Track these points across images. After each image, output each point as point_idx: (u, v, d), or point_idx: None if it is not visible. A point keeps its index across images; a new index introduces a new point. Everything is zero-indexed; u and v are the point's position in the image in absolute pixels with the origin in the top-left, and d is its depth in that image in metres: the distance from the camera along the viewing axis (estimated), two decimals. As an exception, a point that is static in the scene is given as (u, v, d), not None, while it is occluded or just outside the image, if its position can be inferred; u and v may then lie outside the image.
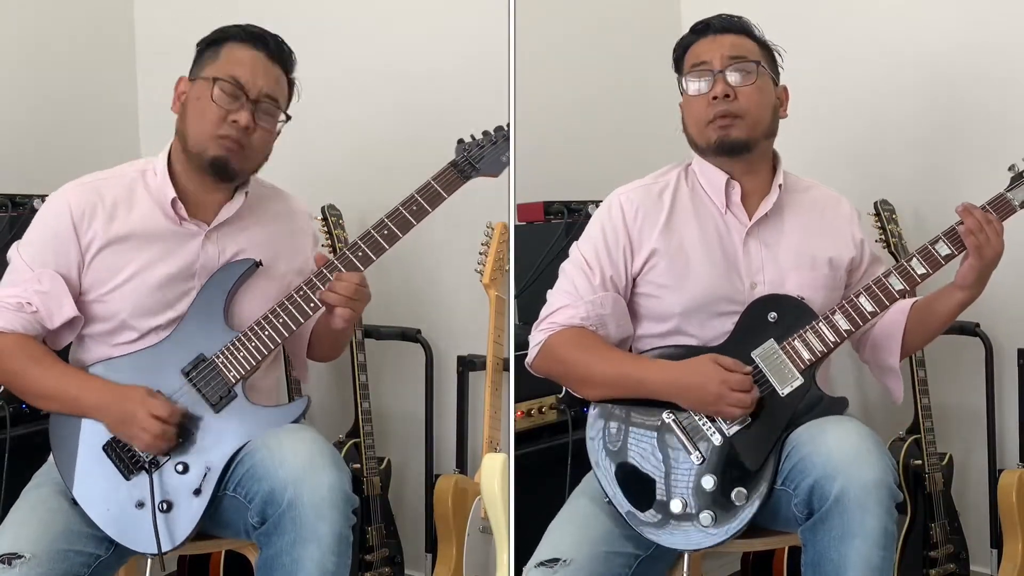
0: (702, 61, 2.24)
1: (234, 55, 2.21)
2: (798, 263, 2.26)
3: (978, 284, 2.17)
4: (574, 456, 2.63)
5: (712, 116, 2.22)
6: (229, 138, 2.17)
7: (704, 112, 2.23)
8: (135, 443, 2.10)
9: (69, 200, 2.20)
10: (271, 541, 2.01)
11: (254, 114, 2.18)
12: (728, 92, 2.21)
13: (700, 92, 2.24)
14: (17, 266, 2.19)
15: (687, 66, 2.28)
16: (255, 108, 2.18)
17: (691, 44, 2.30)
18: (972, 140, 2.94)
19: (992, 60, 2.89)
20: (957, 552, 2.89)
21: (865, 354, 2.37)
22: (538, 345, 2.26)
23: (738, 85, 2.22)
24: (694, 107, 2.26)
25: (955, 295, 2.21)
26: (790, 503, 2.05)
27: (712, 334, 2.23)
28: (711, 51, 2.25)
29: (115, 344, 2.21)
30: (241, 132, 2.17)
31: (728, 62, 2.23)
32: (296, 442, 2.05)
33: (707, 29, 2.29)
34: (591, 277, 2.25)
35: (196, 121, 2.19)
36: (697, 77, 2.25)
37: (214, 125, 2.17)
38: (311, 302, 2.19)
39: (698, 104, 2.24)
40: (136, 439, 2.09)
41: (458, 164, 2.27)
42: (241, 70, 2.19)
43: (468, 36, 3.01)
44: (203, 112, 2.18)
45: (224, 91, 2.17)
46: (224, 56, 2.21)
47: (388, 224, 2.21)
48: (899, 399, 2.36)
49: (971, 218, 2.13)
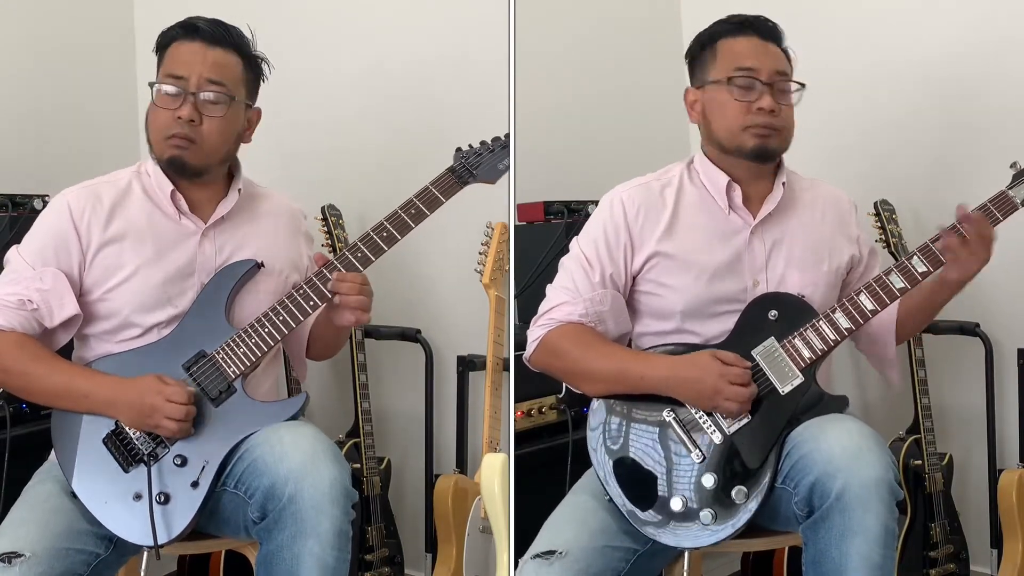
0: (749, 67, 2.21)
1: (174, 54, 2.23)
2: (801, 261, 2.26)
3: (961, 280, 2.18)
4: (574, 456, 2.63)
5: (751, 124, 2.20)
6: (177, 136, 2.19)
7: (743, 118, 2.21)
8: (160, 432, 2.11)
9: (68, 201, 2.22)
10: (271, 536, 2.02)
11: (196, 105, 2.19)
12: (774, 107, 2.19)
13: (742, 99, 2.20)
14: (17, 265, 2.20)
15: (724, 62, 2.23)
16: (195, 99, 2.19)
17: (725, 36, 2.26)
18: (972, 140, 2.94)
19: (993, 60, 2.89)
20: (957, 552, 2.89)
21: (861, 344, 2.39)
22: (536, 340, 2.27)
23: (782, 102, 2.21)
24: (730, 109, 2.22)
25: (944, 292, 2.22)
26: (790, 501, 2.05)
27: (713, 332, 2.23)
28: (759, 58, 2.22)
29: (118, 341, 2.22)
30: (187, 127, 2.18)
31: (775, 77, 2.21)
32: (296, 438, 2.05)
33: (749, 29, 2.25)
34: (591, 274, 2.25)
35: (151, 127, 2.23)
36: (744, 83, 2.20)
37: (164, 127, 2.20)
38: (311, 300, 2.20)
39: (737, 108, 2.21)
40: (162, 428, 2.11)
41: (456, 170, 2.28)
42: (178, 66, 2.21)
43: (468, 36, 3.01)
44: (154, 117, 2.21)
45: (166, 93, 2.19)
46: (166, 57, 2.24)
47: (387, 226, 2.22)
48: (896, 383, 2.38)
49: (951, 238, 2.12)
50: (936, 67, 2.97)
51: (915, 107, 3.02)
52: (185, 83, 2.19)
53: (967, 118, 2.95)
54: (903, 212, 2.92)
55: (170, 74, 2.20)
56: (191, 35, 2.23)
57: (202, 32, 2.22)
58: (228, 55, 2.24)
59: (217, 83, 2.21)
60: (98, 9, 3.38)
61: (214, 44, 2.23)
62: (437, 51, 3.09)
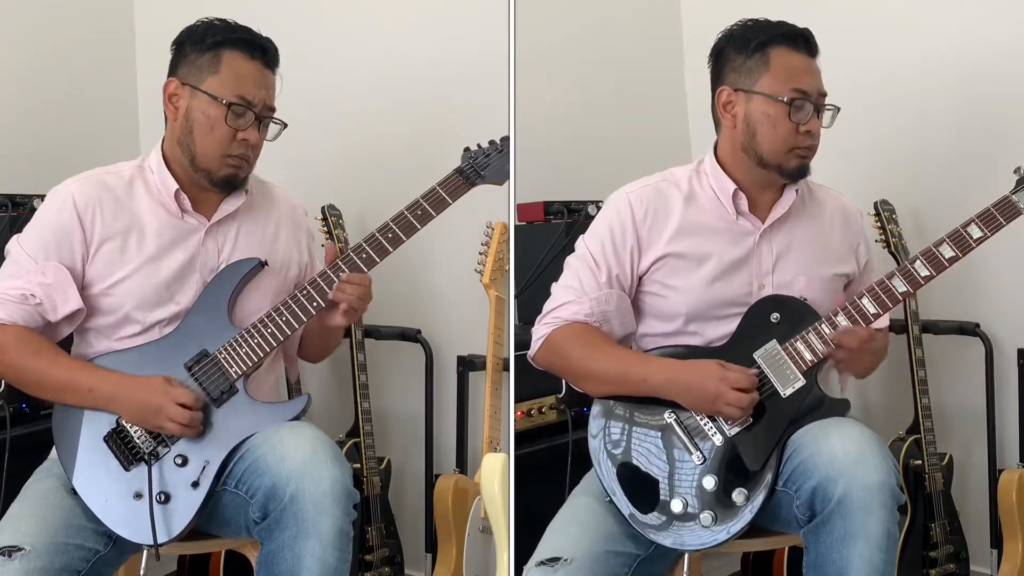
0: (806, 90, 2.19)
1: (236, 68, 2.20)
2: (807, 267, 2.26)
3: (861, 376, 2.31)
4: (574, 456, 2.63)
5: (799, 145, 2.20)
6: (238, 155, 2.20)
7: (792, 138, 2.19)
8: (162, 431, 2.11)
9: (73, 193, 2.20)
10: (272, 536, 2.02)
11: (259, 129, 2.21)
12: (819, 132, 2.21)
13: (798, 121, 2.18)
14: (19, 258, 2.19)
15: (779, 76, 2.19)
16: (259, 124, 2.21)
17: (778, 46, 2.21)
18: (972, 140, 2.94)
19: (994, 61, 2.89)
20: (957, 552, 2.89)
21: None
22: (541, 339, 2.27)
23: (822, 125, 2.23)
24: (783, 129, 2.19)
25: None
26: (791, 504, 2.05)
27: (717, 334, 2.23)
28: (812, 79, 2.21)
29: (118, 338, 2.22)
30: (249, 148, 2.21)
31: (821, 100, 2.21)
32: (297, 438, 2.05)
33: (802, 43, 2.23)
34: (597, 274, 2.25)
35: (206, 141, 2.20)
36: (800, 106, 2.18)
37: (226, 143, 2.20)
38: (314, 301, 2.20)
39: (789, 128, 2.19)
40: (165, 428, 2.11)
41: (464, 171, 2.28)
42: (247, 87, 2.19)
43: (468, 36, 3.01)
44: (212, 131, 2.19)
45: (235, 113, 2.18)
46: (225, 69, 2.20)
47: (393, 228, 2.23)
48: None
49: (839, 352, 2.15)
50: (939, 68, 2.97)
51: (917, 108, 3.02)
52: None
53: (969, 119, 2.95)
54: (903, 212, 2.92)
55: (241, 96, 2.18)
56: (253, 53, 2.22)
57: (265, 53, 2.23)
58: (273, 77, 2.26)
59: (273, 109, 2.25)
60: (98, 9, 3.37)
61: (269, 67, 2.24)
62: (437, 51, 3.08)
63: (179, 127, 2.22)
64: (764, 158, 2.22)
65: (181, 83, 2.22)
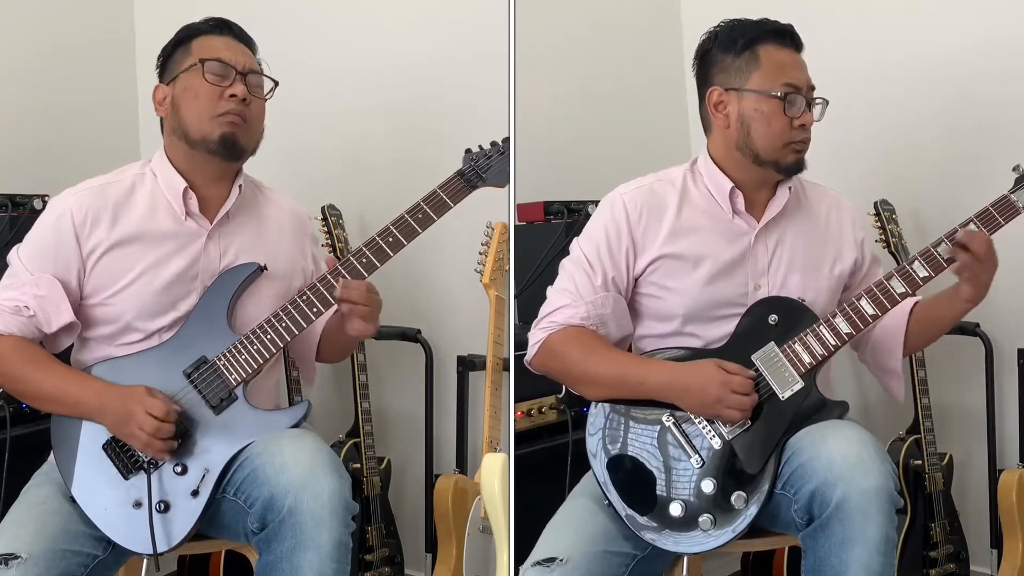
0: (797, 84, 2.20)
1: (207, 44, 2.23)
2: (803, 266, 2.26)
3: (978, 297, 2.16)
4: (574, 456, 2.63)
5: (793, 140, 2.20)
6: (231, 112, 2.19)
7: (787, 132, 2.19)
8: (132, 443, 2.10)
9: (70, 205, 2.19)
10: (271, 547, 2.02)
11: (246, 84, 2.21)
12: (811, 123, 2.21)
13: (791, 115, 2.19)
14: (16, 269, 2.19)
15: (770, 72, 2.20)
16: (245, 80, 2.21)
17: (766, 43, 2.22)
18: (972, 140, 2.94)
19: (994, 60, 2.89)
20: (957, 552, 2.89)
21: (865, 355, 2.36)
22: (538, 343, 2.26)
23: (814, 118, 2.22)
24: (777, 124, 2.19)
25: (959, 304, 2.19)
26: (790, 507, 2.05)
27: (714, 335, 2.23)
28: (801, 73, 2.21)
29: (119, 345, 2.21)
30: (241, 105, 2.19)
31: (810, 93, 2.22)
32: (297, 448, 2.04)
33: (788, 39, 2.23)
34: (592, 277, 2.24)
35: (193, 107, 2.20)
36: (792, 100, 2.18)
37: (213, 104, 2.19)
38: (314, 307, 2.19)
39: (784, 123, 2.19)
40: (133, 438, 2.10)
41: (465, 174, 2.26)
42: (220, 52, 2.22)
43: (468, 36, 3.01)
44: (197, 96, 2.20)
45: (214, 71, 2.19)
46: (197, 47, 2.23)
47: (393, 231, 2.21)
48: (900, 398, 2.36)
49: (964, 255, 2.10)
50: (938, 67, 2.97)
51: (916, 107, 3.02)
52: (233, 64, 2.20)
53: (969, 118, 2.95)
54: (903, 212, 2.92)
55: (216, 58, 2.20)
56: (222, 31, 2.25)
57: (233, 30, 2.26)
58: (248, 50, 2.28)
59: (258, 71, 2.26)
60: (98, 9, 3.38)
61: (242, 42, 2.26)
62: (436, 51, 3.08)
63: (170, 117, 2.24)
64: (760, 155, 2.22)
65: (167, 84, 2.25)
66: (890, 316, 2.25)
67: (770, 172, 2.24)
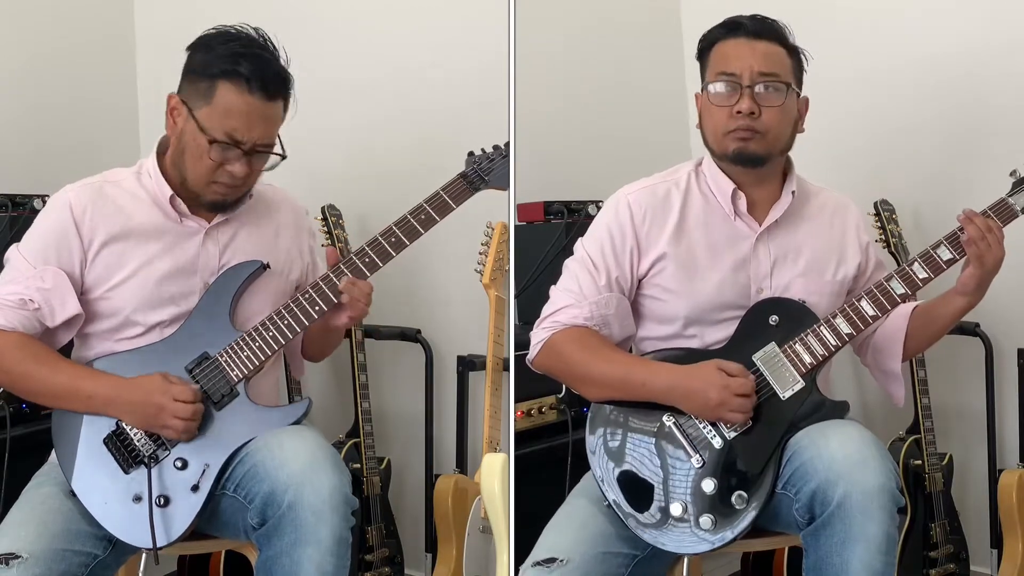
0: (731, 72, 2.19)
1: (228, 103, 2.12)
2: (806, 269, 2.25)
3: (979, 290, 2.17)
4: (574, 456, 2.63)
5: (733, 127, 2.19)
6: (224, 184, 2.18)
7: (725, 122, 2.20)
8: (165, 433, 2.11)
9: (70, 199, 2.20)
10: (271, 542, 2.02)
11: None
12: (753, 109, 2.17)
13: (724, 104, 2.19)
14: (18, 264, 2.19)
15: (713, 67, 2.23)
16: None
17: (719, 40, 2.24)
18: (973, 141, 2.94)
19: (996, 62, 2.89)
20: (957, 552, 2.90)
21: (867, 358, 2.36)
22: (540, 343, 2.26)
23: (764, 104, 2.18)
24: (715, 113, 2.21)
25: (956, 301, 2.20)
26: (791, 507, 2.05)
27: (715, 338, 2.23)
28: (742, 60, 2.19)
29: (119, 339, 2.21)
30: (236, 179, 2.17)
31: (758, 78, 2.18)
32: (297, 444, 2.05)
33: (739, 30, 2.22)
34: (596, 277, 2.24)
35: (193, 167, 2.17)
36: (724, 86, 2.19)
37: (209, 174, 2.16)
38: (316, 305, 2.20)
39: (720, 112, 2.20)
40: (166, 429, 2.10)
41: (467, 176, 2.28)
42: (236, 123, 2.13)
43: (468, 36, 3.01)
44: (199, 160, 2.16)
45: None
46: (218, 101, 2.13)
47: (396, 232, 2.22)
48: (900, 402, 2.36)
49: (972, 226, 2.12)
50: (939, 69, 2.97)
51: (916, 108, 3.02)
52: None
53: (969, 119, 2.95)
54: (903, 212, 2.92)
55: (227, 132, 2.13)
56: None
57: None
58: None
59: (268, 144, 2.17)
60: (98, 9, 3.37)
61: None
62: (438, 51, 3.08)
63: (175, 144, 2.20)
64: (713, 150, 2.24)
65: (182, 101, 2.18)
66: (891, 319, 2.26)
67: (727, 165, 2.24)
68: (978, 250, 2.12)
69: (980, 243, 2.11)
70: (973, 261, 2.14)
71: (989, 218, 2.14)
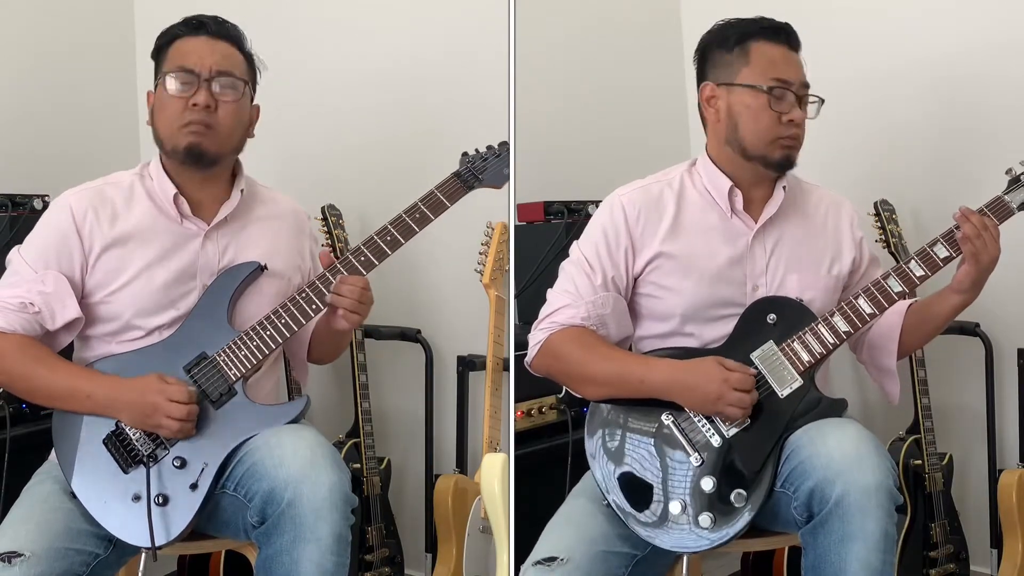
0: (785, 79, 2.19)
1: (179, 49, 2.23)
2: (801, 266, 2.26)
3: (974, 288, 2.17)
4: (574, 456, 2.63)
5: (781, 135, 2.20)
6: (193, 123, 2.19)
7: (774, 128, 2.19)
8: (160, 432, 2.11)
9: (71, 203, 2.21)
10: (270, 541, 2.02)
11: (211, 92, 2.20)
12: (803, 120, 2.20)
13: (778, 110, 2.19)
14: (19, 268, 2.20)
15: (760, 68, 2.21)
16: (210, 86, 2.20)
17: (758, 39, 2.22)
18: (972, 140, 2.94)
19: (994, 62, 2.89)
20: (957, 552, 2.89)
21: (862, 355, 2.37)
22: (538, 344, 2.26)
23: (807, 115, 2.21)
24: (765, 119, 2.19)
25: (952, 298, 2.20)
26: (789, 505, 2.05)
27: (713, 335, 2.23)
28: (792, 69, 2.21)
29: (120, 343, 2.22)
30: (203, 113, 2.19)
31: (803, 90, 2.21)
32: (296, 442, 2.05)
33: (782, 36, 2.22)
34: (592, 277, 2.25)
35: (160, 119, 2.22)
36: (780, 94, 2.19)
37: (177, 115, 2.19)
38: (313, 304, 2.20)
39: (771, 118, 2.19)
40: (161, 428, 2.11)
41: (461, 175, 2.29)
42: (188, 58, 2.21)
43: (468, 36, 3.01)
44: (163, 107, 2.21)
45: (177, 80, 2.19)
46: (170, 54, 2.23)
47: (391, 230, 2.23)
48: (895, 400, 2.36)
49: (968, 224, 2.12)
50: (937, 68, 2.97)
51: (916, 108, 3.02)
52: (196, 74, 2.19)
53: (968, 119, 2.95)
54: (903, 212, 2.92)
55: (180, 67, 2.20)
56: (195, 31, 2.24)
57: (207, 27, 2.24)
58: (232, 48, 2.26)
59: (226, 72, 2.22)
60: (98, 9, 3.38)
61: (219, 38, 2.24)
62: (437, 51, 3.08)
63: (154, 124, 2.25)
64: (748, 150, 2.23)
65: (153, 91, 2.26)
66: (886, 316, 2.26)
67: (759, 167, 2.24)
68: (974, 248, 2.12)
69: (976, 240, 2.12)
70: (968, 259, 2.14)
71: (985, 216, 2.14)
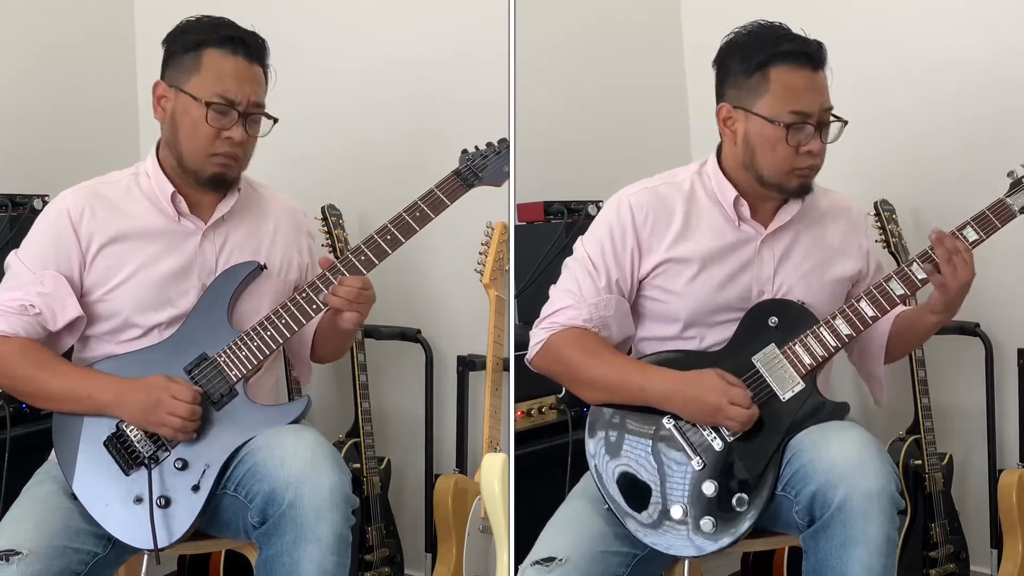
0: (805, 112, 2.13)
1: (216, 66, 2.18)
2: (808, 272, 2.25)
3: (948, 310, 2.16)
4: (574, 456, 2.63)
5: (798, 166, 2.16)
6: (224, 155, 2.19)
7: (791, 159, 2.15)
8: (161, 431, 2.11)
9: (67, 203, 2.22)
10: (271, 541, 2.02)
11: (245, 127, 2.19)
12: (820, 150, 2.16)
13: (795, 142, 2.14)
14: (17, 270, 2.20)
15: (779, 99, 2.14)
16: (245, 121, 2.19)
17: (779, 64, 2.15)
18: (973, 141, 2.94)
19: (995, 63, 2.89)
20: (957, 552, 2.89)
21: (853, 357, 2.37)
22: (539, 343, 2.26)
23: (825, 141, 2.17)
24: (781, 151, 2.15)
25: (928, 317, 2.20)
26: (791, 508, 2.05)
27: (715, 339, 2.23)
28: (812, 97, 2.14)
29: (119, 342, 2.22)
30: (236, 147, 2.19)
31: (824, 116, 2.16)
32: (297, 442, 2.05)
33: (804, 59, 2.15)
34: (596, 279, 2.24)
35: (189, 141, 2.20)
36: (800, 127, 2.13)
37: (209, 144, 2.18)
38: (313, 304, 2.20)
39: (788, 150, 2.14)
40: (163, 426, 2.10)
41: (461, 173, 2.28)
42: (228, 84, 2.17)
43: (468, 35, 3.01)
44: (195, 131, 2.18)
45: (217, 112, 2.17)
46: (206, 68, 2.18)
47: (391, 229, 2.23)
48: (881, 403, 2.37)
49: (941, 249, 2.09)
50: (938, 71, 2.97)
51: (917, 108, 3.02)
52: (236, 105, 2.18)
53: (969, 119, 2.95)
54: (903, 212, 2.92)
55: (221, 95, 2.16)
56: (235, 48, 2.20)
57: (247, 47, 2.21)
58: (262, 73, 2.24)
59: (260, 104, 2.22)
60: (98, 9, 3.37)
61: (253, 61, 2.22)
62: (437, 50, 3.08)
63: (167, 129, 2.23)
64: (764, 178, 2.20)
65: (168, 85, 2.22)
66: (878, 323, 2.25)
67: (774, 193, 2.22)
68: (942, 279, 2.10)
69: (945, 267, 2.09)
70: (937, 287, 2.12)
71: (957, 239, 2.11)
